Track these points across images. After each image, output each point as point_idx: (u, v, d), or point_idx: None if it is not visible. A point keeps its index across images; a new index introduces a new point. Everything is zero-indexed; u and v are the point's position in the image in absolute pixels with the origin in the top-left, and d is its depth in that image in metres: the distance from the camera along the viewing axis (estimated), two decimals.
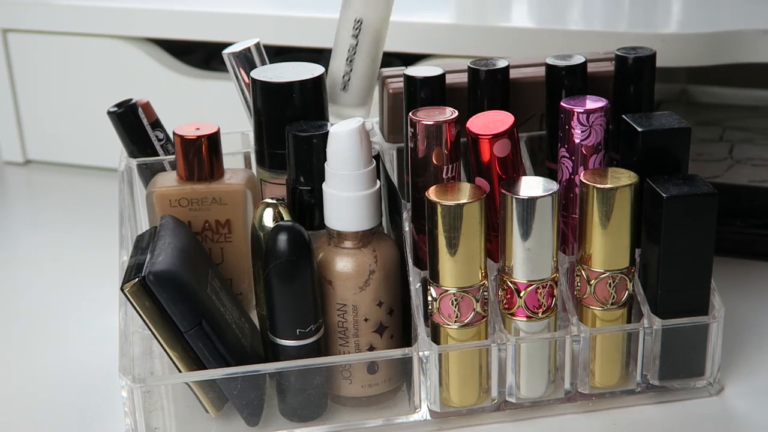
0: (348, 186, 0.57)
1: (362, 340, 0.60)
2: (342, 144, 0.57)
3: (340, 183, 0.57)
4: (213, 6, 0.94)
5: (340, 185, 0.58)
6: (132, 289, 0.56)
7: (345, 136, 0.57)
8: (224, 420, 0.60)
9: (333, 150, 0.57)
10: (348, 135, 0.57)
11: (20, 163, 1.05)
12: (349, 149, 0.57)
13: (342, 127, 0.57)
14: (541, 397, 0.62)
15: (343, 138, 0.57)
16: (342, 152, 0.57)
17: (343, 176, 0.57)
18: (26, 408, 0.65)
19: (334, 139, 0.57)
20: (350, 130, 0.57)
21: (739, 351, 0.67)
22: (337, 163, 0.57)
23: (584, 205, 0.59)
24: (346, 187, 0.57)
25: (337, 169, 0.57)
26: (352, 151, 0.57)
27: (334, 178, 0.58)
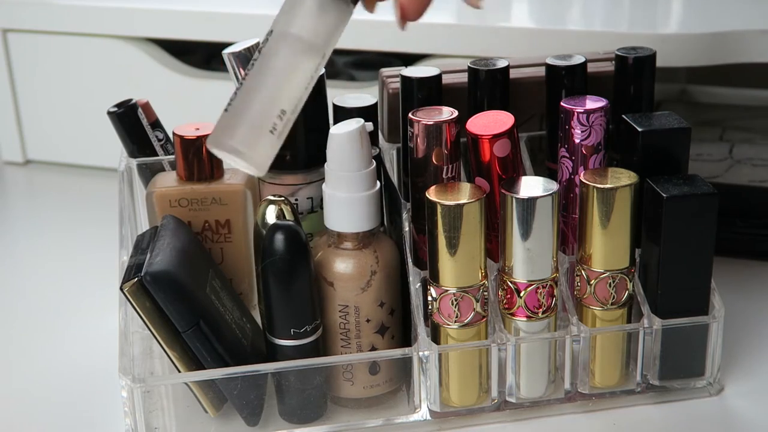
0: (348, 187, 0.57)
1: (364, 341, 0.60)
2: (342, 145, 0.57)
3: (340, 184, 0.57)
4: (213, 6, 0.94)
5: (340, 186, 0.58)
6: (131, 289, 0.56)
7: (345, 137, 0.57)
8: (224, 420, 0.61)
9: (333, 151, 0.57)
10: (348, 136, 0.57)
11: (20, 163, 1.05)
12: (349, 150, 0.57)
13: (342, 129, 0.57)
14: (541, 397, 0.62)
15: (343, 139, 0.57)
16: (342, 153, 0.57)
17: (343, 177, 0.57)
18: (26, 408, 0.65)
19: (333, 141, 0.57)
20: (350, 131, 0.57)
21: (739, 351, 0.67)
22: (337, 164, 0.57)
23: (584, 205, 0.59)
24: (346, 188, 0.57)
25: (337, 170, 0.57)
26: (352, 153, 0.57)
27: (334, 179, 0.58)
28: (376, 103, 0.66)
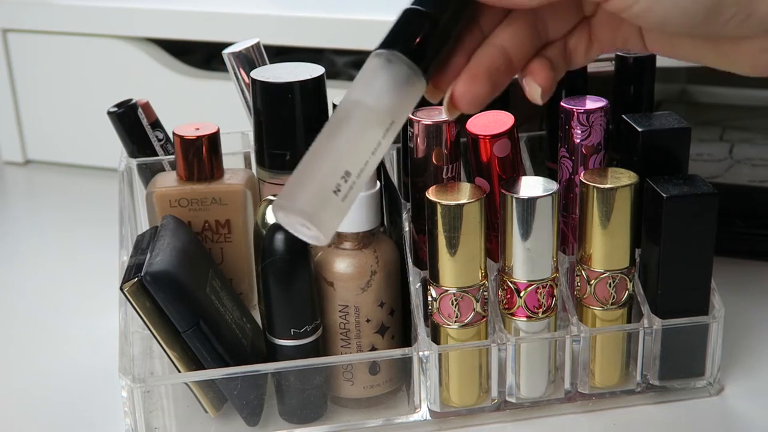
0: None
1: (364, 341, 0.60)
2: None
3: None
4: (213, 6, 0.94)
5: None
6: (131, 289, 0.56)
7: None
8: (224, 420, 0.61)
9: None
10: None
11: (20, 163, 1.05)
12: None
13: None
14: (541, 397, 0.62)
15: None
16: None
17: None
18: (26, 408, 0.65)
19: None
20: None
21: (739, 351, 0.67)
22: None
23: (584, 205, 0.59)
24: None
25: None
26: None
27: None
28: None
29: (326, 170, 0.40)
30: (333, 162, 0.40)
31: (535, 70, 0.47)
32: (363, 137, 0.41)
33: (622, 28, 0.47)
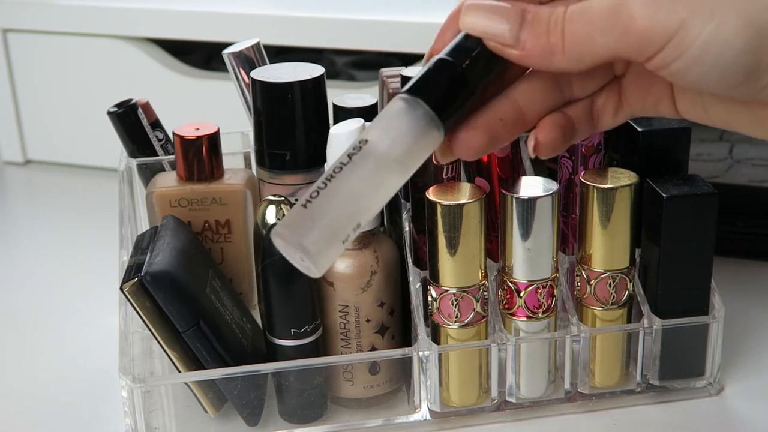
0: None
1: (364, 341, 0.60)
2: (342, 145, 0.57)
3: None
4: (213, 6, 0.94)
5: None
6: (131, 289, 0.56)
7: (345, 137, 0.57)
8: (224, 420, 0.60)
9: (333, 151, 0.57)
10: (348, 136, 0.57)
11: (20, 163, 1.05)
12: None
13: (342, 129, 0.57)
14: (541, 397, 0.62)
15: (343, 139, 0.57)
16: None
17: None
18: (26, 408, 0.65)
19: (334, 141, 0.57)
20: (350, 131, 0.57)
21: (739, 351, 0.67)
22: None
23: (584, 205, 0.59)
24: None
25: None
26: None
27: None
28: (376, 103, 0.66)
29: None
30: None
31: (542, 125, 0.45)
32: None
33: (653, 90, 0.45)
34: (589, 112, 0.46)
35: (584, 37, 0.40)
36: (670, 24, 0.37)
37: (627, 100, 0.45)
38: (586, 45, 0.40)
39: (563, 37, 0.40)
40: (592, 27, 0.39)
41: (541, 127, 0.45)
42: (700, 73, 0.38)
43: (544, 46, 0.41)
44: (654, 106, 0.45)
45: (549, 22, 0.40)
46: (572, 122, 0.45)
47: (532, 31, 0.41)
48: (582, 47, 0.40)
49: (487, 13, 0.41)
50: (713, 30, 0.37)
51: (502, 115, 0.44)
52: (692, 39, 0.37)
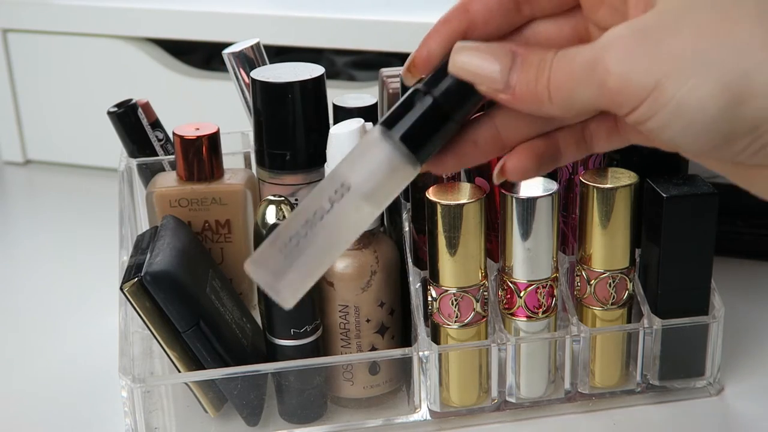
0: None
1: (364, 341, 0.60)
2: (342, 145, 0.57)
3: None
4: (213, 6, 0.94)
5: None
6: (131, 289, 0.56)
7: (345, 137, 0.57)
8: (224, 420, 0.60)
9: (333, 151, 0.57)
10: (348, 136, 0.57)
11: (20, 163, 1.05)
12: (349, 150, 0.57)
13: (342, 129, 0.57)
14: (541, 397, 0.62)
15: (343, 139, 0.57)
16: (342, 153, 0.57)
17: None
18: (26, 408, 0.65)
19: (334, 141, 0.57)
20: (350, 131, 0.57)
21: (739, 351, 0.67)
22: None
23: (584, 205, 0.59)
24: None
25: None
26: None
27: None
28: (376, 103, 0.66)
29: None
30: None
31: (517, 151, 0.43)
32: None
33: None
34: (580, 136, 0.44)
35: (567, 88, 0.38)
36: (645, 84, 0.36)
37: (623, 128, 0.43)
38: (569, 96, 0.38)
39: (549, 85, 0.39)
40: (573, 79, 0.38)
41: (515, 153, 0.43)
42: (674, 134, 0.37)
43: (533, 94, 0.39)
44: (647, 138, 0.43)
45: (537, 67, 0.39)
46: (555, 149, 0.43)
47: (521, 77, 0.39)
48: (567, 98, 0.39)
49: (477, 57, 0.40)
50: (687, 93, 0.36)
51: (477, 137, 0.42)
52: (666, 100, 0.36)
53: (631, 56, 0.37)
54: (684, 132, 0.37)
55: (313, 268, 0.40)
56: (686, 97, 0.36)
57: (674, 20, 0.36)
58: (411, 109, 0.40)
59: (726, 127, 0.36)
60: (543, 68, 0.39)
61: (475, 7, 0.42)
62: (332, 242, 0.40)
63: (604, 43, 0.37)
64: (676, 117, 0.36)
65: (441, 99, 0.40)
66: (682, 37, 0.36)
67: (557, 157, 0.43)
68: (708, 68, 0.35)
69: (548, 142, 0.43)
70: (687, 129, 0.37)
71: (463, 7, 0.42)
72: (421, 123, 0.40)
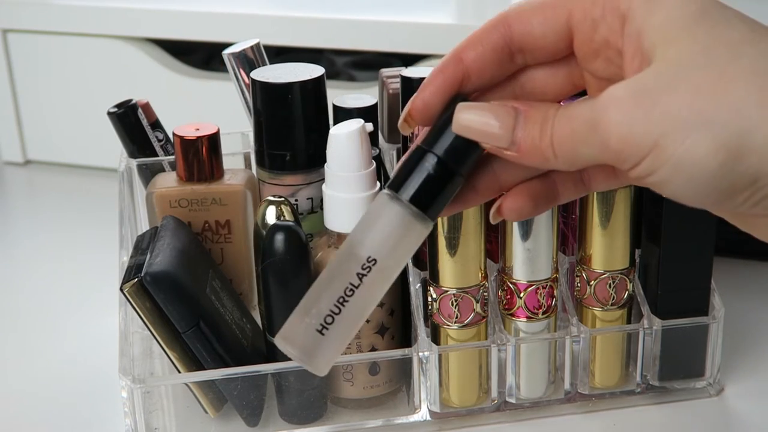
0: (348, 188, 0.57)
1: (364, 341, 0.60)
2: (342, 146, 0.57)
3: (341, 185, 0.57)
4: (213, 6, 0.94)
5: (341, 187, 0.57)
6: (131, 290, 0.56)
7: (345, 138, 0.57)
8: (224, 420, 0.61)
9: (333, 152, 0.57)
10: (348, 137, 0.57)
11: (20, 163, 1.05)
12: (349, 151, 0.57)
13: (342, 129, 0.57)
14: (541, 398, 0.62)
15: (343, 140, 0.57)
16: (342, 154, 0.57)
17: (344, 178, 0.57)
18: (26, 408, 0.65)
19: (334, 141, 0.57)
20: (350, 132, 0.57)
21: (739, 351, 0.67)
22: (337, 165, 0.57)
23: (584, 206, 0.59)
24: (346, 189, 0.57)
25: (337, 171, 0.57)
26: (352, 153, 0.57)
27: (334, 180, 0.58)
28: (376, 103, 0.66)
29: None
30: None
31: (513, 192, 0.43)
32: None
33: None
34: (578, 178, 0.44)
35: (570, 146, 0.39)
36: (644, 143, 0.37)
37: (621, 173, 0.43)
38: (573, 153, 0.39)
39: (553, 143, 0.39)
40: (575, 138, 0.39)
41: (512, 194, 0.43)
42: (676, 188, 0.38)
43: (537, 150, 0.40)
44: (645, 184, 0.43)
45: (541, 124, 0.40)
46: (552, 190, 0.44)
47: (526, 134, 0.40)
48: (571, 155, 0.39)
49: (480, 117, 0.40)
50: (685, 151, 0.36)
51: (477, 184, 0.43)
52: (666, 158, 0.37)
53: (630, 118, 0.37)
54: (685, 186, 0.37)
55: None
56: (685, 155, 0.36)
57: (671, 79, 0.37)
58: (418, 171, 0.41)
59: (725, 182, 0.37)
60: (546, 125, 0.39)
61: (469, 57, 0.42)
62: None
63: (604, 104, 0.38)
64: (676, 173, 0.37)
65: (445, 157, 0.41)
66: (679, 96, 0.36)
67: (554, 197, 0.44)
68: (705, 127, 0.36)
69: (545, 183, 0.44)
70: (688, 184, 0.37)
71: (456, 57, 0.42)
72: (430, 183, 0.41)
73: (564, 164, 0.40)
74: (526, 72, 0.43)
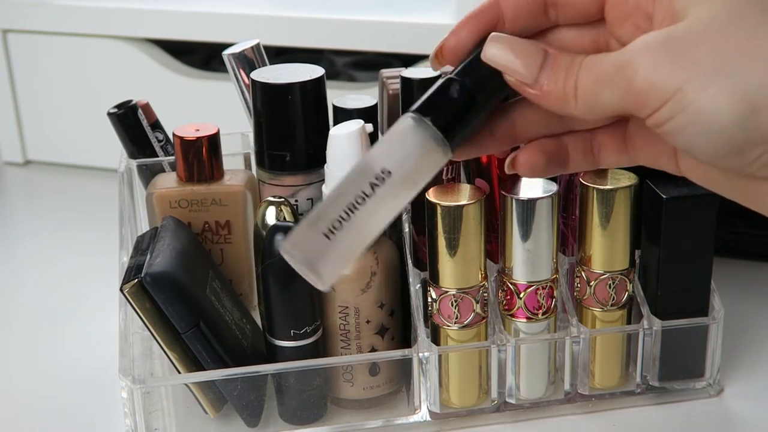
0: None
1: (364, 342, 0.60)
2: (342, 146, 0.57)
3: None
4: (213, 6, 0.94)
5: None
6: (131, 290, 0.56)
7: (345, 138, 0.57)
8: (224, 421, 0.61)
9: (333, 152, 0.57)
10: (348, 137, 0.57)
11: (20, 163, 1.05)
12: (349, 152, 0.57)
13: (342, 130, 0.57)
14: (541, 398, 0.62)
15: (343, 140, 0.57)
16: (342, 155, 0.57)
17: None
18: (26, 408, 0.65)
19: (334, 142, 0.57)
20: (350, 132, 0.57)
21: (739, 351, 0.67)
22: (337, 166, 0.57)
23: (584, 207, 0.59)
24: None
25: (337, 172, 0.57)
26: (352, 154, 0.57)
27: (334, 181, 0.58)
28: (376, 104, 0.66)
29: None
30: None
31: (528, 147, 0.45)
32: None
33: (656, 144, 0.45)
34: (589, 147, 0.46)
35: (593, 90, 0.40)
36: (668, 87, 0.38)
37: (632, 145, 0.45)
38: (595, 98, 0.40)
39: (576, 86, 0.41)
40: (600, 81, 0.40)
41: (527, 148, 0.45)
42: (689, 137, 0.39)
43: (560, 93, 0.41)
44: (655, 159, 0.45)
45: (567, 68, 0.41)
46: (564, 152, 0.45)
47: (551, 75, 0.41)
48: (592, 99, 0.40)
49: (511, 49, 0.42)
50: (707, 98, 0.38)
51: (495, 127, 0.44)
52: (687, 103, 0.38)
53: (658, 61, 0.38)
54: (699, 137, 0.39)
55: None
56: (706, 102, 0.38)
57: (701, 32, 0.38)
58: (444, 96, 0.42)
59: (740, 135, 0.38)
60: (572, 70, 0.41)
61: (506, 4, 0.43)
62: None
63: (634, 49, 0.39)
64: (694, 121, 0.38)
65: (473, 87, 0.42)
66: (707, 47, 0.38)
67: (565, 160, 0.45)
68: (729, 78, 0.37)
69: (558, 144, 0.45)
70: (702, 134, 0.38)
71: (495, 2, 0.43)
72: (454, 109, 0.42)
73: (583, 109, 0.41)
74: (554, 30, 0.45)
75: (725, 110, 0.37)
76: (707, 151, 0.39)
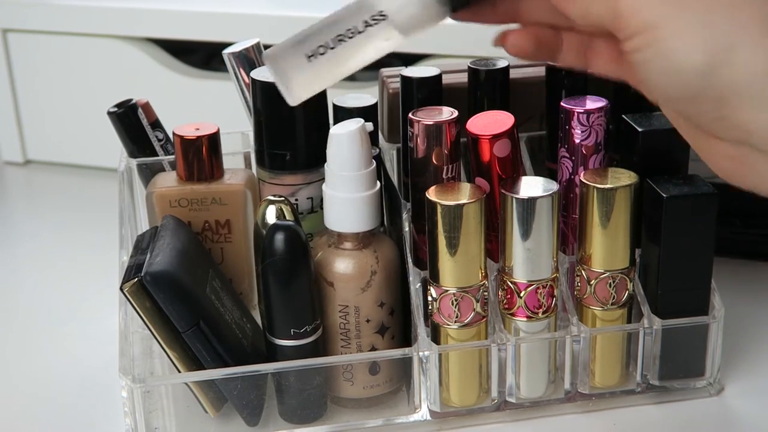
0: (348, 187, 0.57)
1: (364, 341, 0.60)
2: (342, 145, 0.57)
3: (341, 184, 0.57)
4: (213, 6, 0.94)
5: (341, 186, 0.58)
6: (131, 289, 0.56)
7: (345, 137, 0.57)
8: (224, 420, 0.61)
9: (333, 151, 0.57)
10: (348, 136, 0.57)
11: (20, 163, 1.05)
12: (349, 151, 0.57)
13: (342, 129, 0.57)
14: (541, 397, 0.62)
15: (343, 139, 0.57)
16: (342, 154, 0.57)
17: (343, 177, 0.57)
18: (26, 408, 0.65)
19: (333, 141, 0.57)
20: (350, 131, 0.57)
21: (739, 351, 0.67)
22: (337, 165, 0.57)
23: (584, 205, 0.59)
24: (346, 189, 0.57)
25: (337, 171, 0.57)
26: (352, 153, 0.57)
27: (334, 180, 0.58)
28: (376, 103, 0.66)
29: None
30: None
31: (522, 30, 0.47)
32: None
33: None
34: (582, 47, 0.47)
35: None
36: (648, 19, 0.40)
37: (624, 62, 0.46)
38: (586, 6, 0.42)
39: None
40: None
41: (520, 31, 0.47)
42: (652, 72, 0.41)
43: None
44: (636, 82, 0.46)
45: None
46: (556, 45, 0.47)
47: None
48: (585, 5, 0.42)
49: None
50: (676, 41, 0.40)
51: (498, 2, 0.46)
52: (658, 39, 0.40)
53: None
54: (661, 73, 0.41)
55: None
56: (674, 44, 0.40)
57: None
58: None
59: (696, 83, 0.40)
60: None
61: None
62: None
63: None
64: (661, 57, 0.40)
65: None
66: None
67: (554, 53, 0.47)
68: (704, 28, 0.39)
69: (554, 35, 0.47)
70: (664, 71, 0.41)
71: None
72: None
73: (576, 12, 0.43)
74: None
75: (690, 57, 0.39)
76: (664, 89, 0.41)
